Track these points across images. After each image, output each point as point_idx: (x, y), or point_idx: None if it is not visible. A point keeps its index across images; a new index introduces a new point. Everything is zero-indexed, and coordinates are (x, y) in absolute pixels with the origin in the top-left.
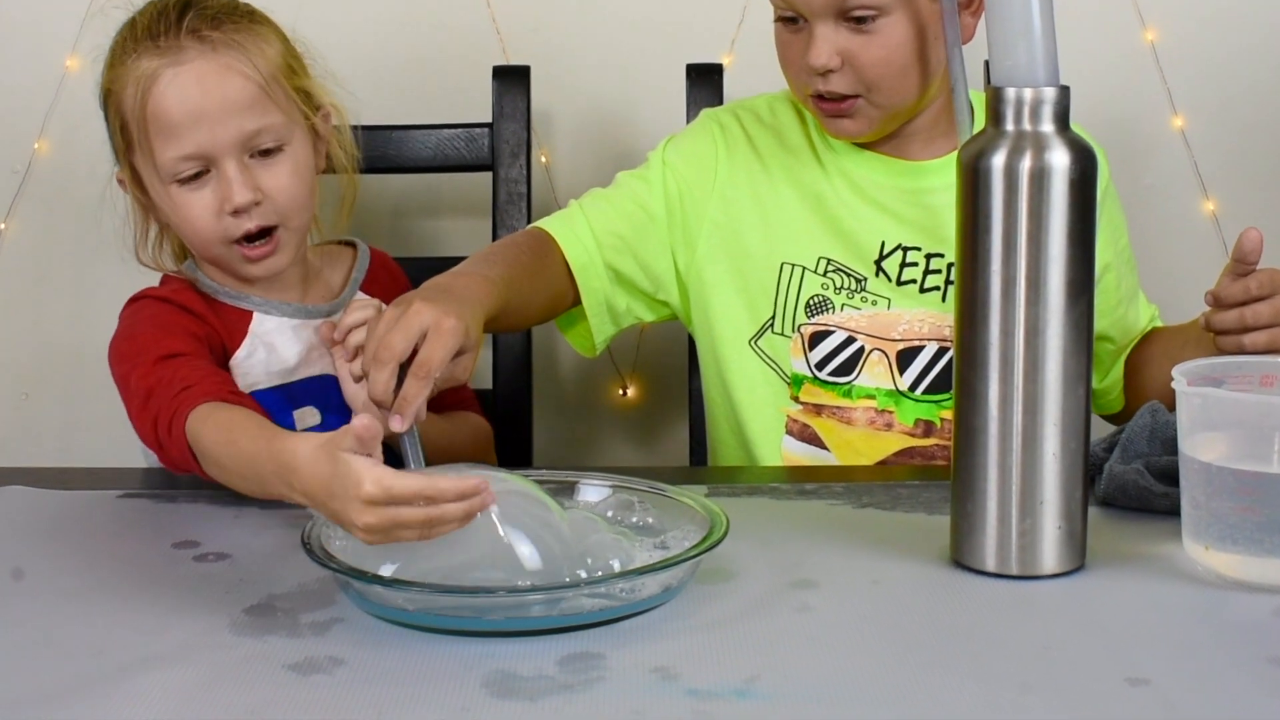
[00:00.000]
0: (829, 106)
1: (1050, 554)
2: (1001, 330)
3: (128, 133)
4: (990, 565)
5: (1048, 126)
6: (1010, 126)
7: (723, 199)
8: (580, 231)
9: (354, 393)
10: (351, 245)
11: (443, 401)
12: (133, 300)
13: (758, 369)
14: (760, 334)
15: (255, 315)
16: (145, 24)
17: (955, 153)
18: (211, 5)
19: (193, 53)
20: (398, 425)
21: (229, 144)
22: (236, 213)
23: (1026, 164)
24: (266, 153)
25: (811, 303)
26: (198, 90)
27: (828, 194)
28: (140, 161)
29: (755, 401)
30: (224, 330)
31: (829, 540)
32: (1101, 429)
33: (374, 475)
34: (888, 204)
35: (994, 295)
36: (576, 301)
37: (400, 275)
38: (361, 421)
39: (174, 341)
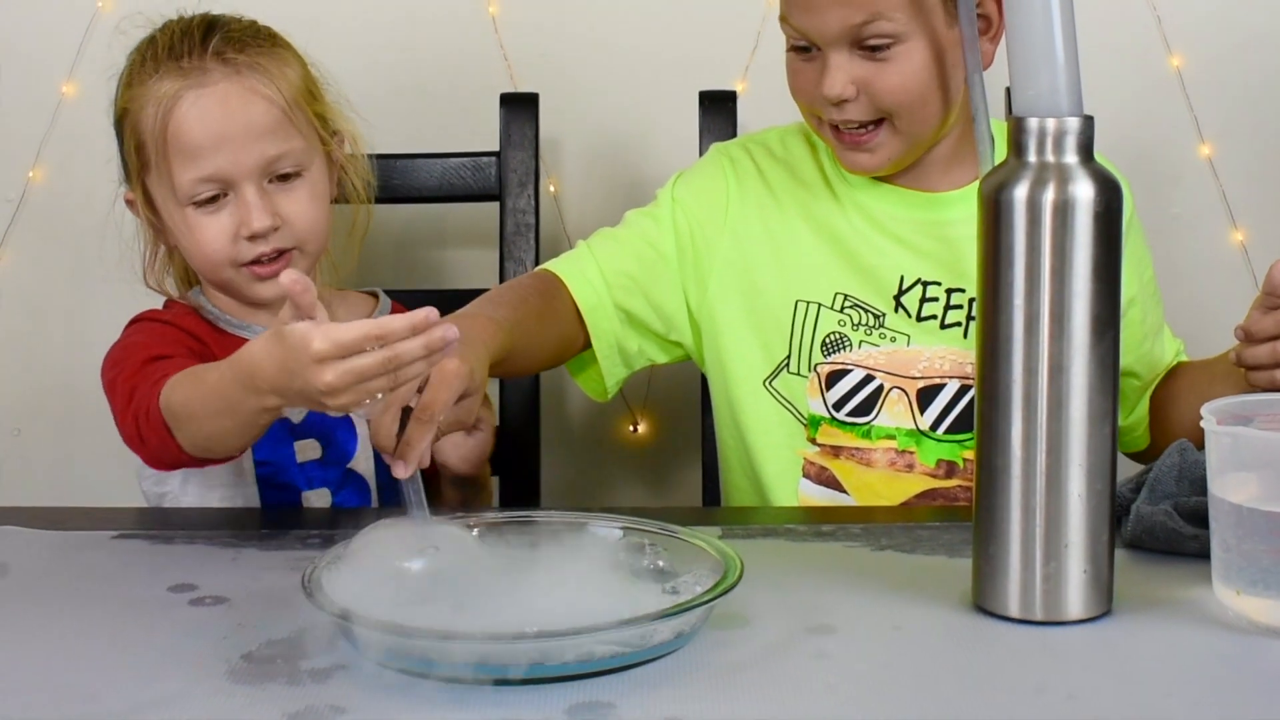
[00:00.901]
0: (849, 138)
1: (1076, 599)
2: (1024, 368)
3: (144, 153)
4: (1014, 610)
5: (1071, 158)
6: (1032, 158)
7: (734, 236)
8: (589, 272)
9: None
10: (374, 295)
11: None
12: (134, 320)
13: (772, 410)
14: (775, 374)
15: None
16: (167, 43)
17: (976, 183)
18: (236, 27)
19: (217, 75)
20: (401, 472)
21: (250, 168)
22: (253, 237)
23: (1049, 196)
24: (285, 177)
25: (828, 340)
26: (221, 113)
27: (843, 228)
28: (155, 183)
29: (770, 444)
30: (224, 357)
31: (847, 584)
32: (1127, 469)
33: (320, 332)
34: (906, 237)
35: (1016, 332)
36: (586, 345)
37: None
38: (288, 276)
39: (167, 347)
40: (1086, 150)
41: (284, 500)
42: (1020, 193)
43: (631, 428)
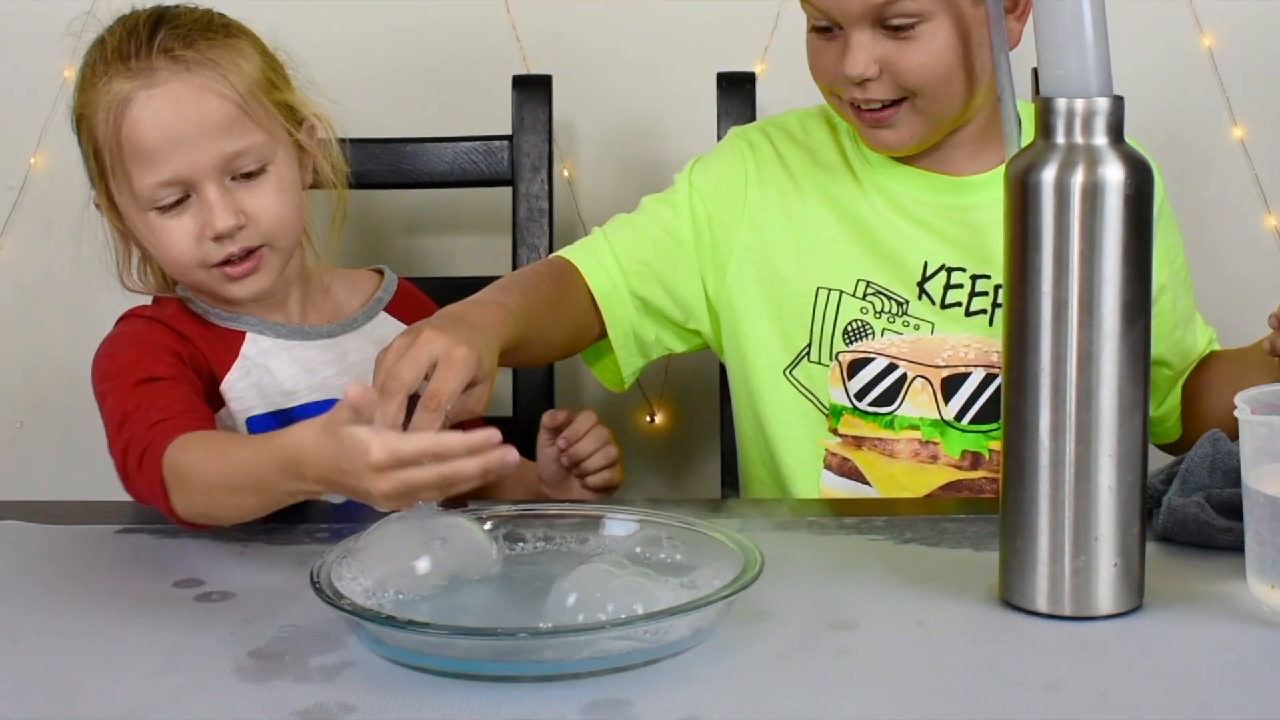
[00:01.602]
0: (869, 116)
1: (1106, 593)
2: (1053, 356)
3: (101, 159)
4: (1042, 605)
5: (1100, 139)
6: (1061, 139)
7: (754, 222)
8: (604, 259)
9: None
10: (380, 273)
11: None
12: (123, 317)
13: (793, 400)
14: (795, 363)
15: (248, 336)
16: (115, 44)
17: (1002, 167)
18: (184, 20)
19: (165, 74)
20: None
21: (208, 168)
22: (218, 238)
23: (1078, 179)
24: (249, 175)
25: (850, 328)
26: (173, 114)
27: (866, 212)
28: (116, 188)
29: (791, 435)
30: (213, 354)
31: (870, 578)
32: (1158, 460)
33: (379, 441)
34: (930, 222)
35: (1044, 318)
36: (602, 334)
37: (428, 305)
38: (354, 389)
39: (156, 365)
40: (1116, 131)
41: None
42: (1048, 175)
43: (648, 418)
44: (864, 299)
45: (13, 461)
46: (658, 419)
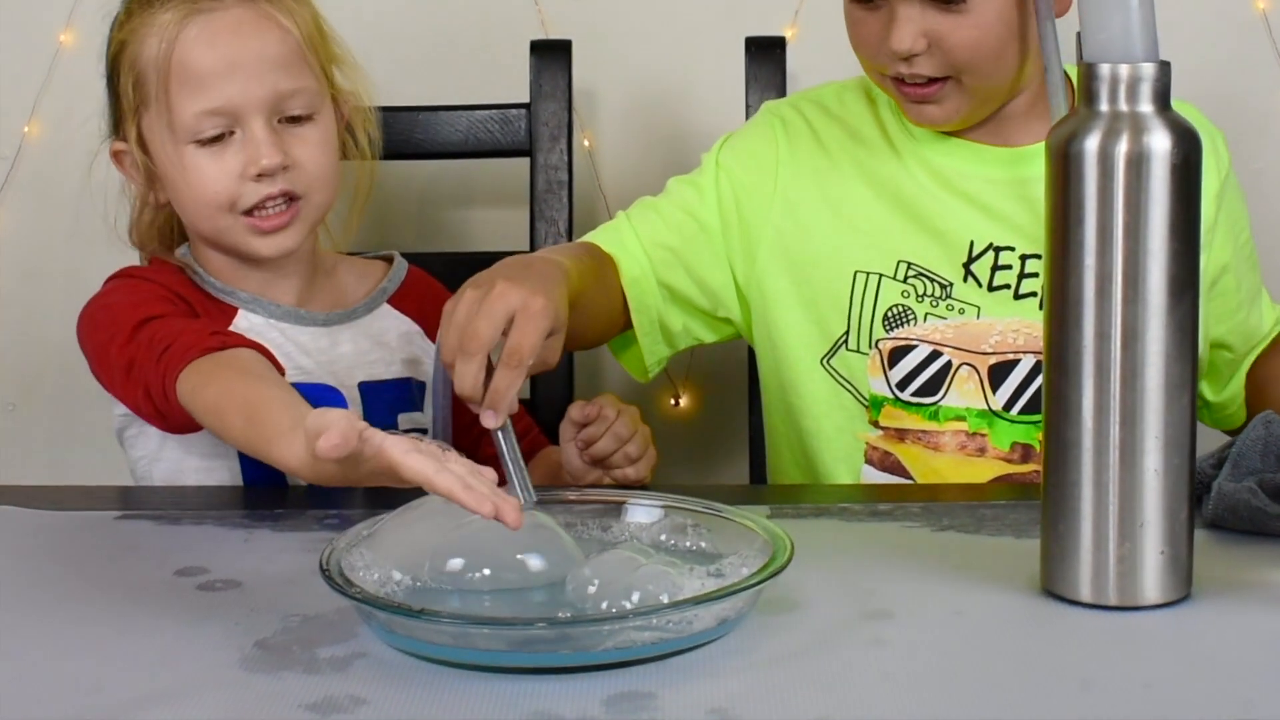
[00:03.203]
0: (912, 91)
1: (1152, 582)
2: (1096, 333)
3: (143, 87)
4: (1085, 595)
5: (1146, 106)
6: (1104, 107)
7: (786, 202)
8: (630, 245)
9: None
10: (389, 260)
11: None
12: (112, 277)
13: (830, 391)
14: (833, 351)
15: (239, 313)
16: None
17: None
18: None
19: (229, 1)
20: (491, 421)
21: (260, 101)
22: (260, 176)
23: (1123, 148)
24: (296, 120)
25: (890, 314)
26: (233, 38)
27: (908, 188)
28: (152, 121)
29: (828, 428)
30: (206, 318)
31: (905, 566)
32: (1208, 443)
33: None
34: (977, 196)
35: (1087, 294)
36: (630, 323)
37: (442, 295)
38: (327, 443)
39: (150, 306)
40: (1163, 98)
41: (270, 475)
42: (1091, 144)
43: (673, 401)
44: (905, 282)
45: (7, 444)
46: (683, 402)
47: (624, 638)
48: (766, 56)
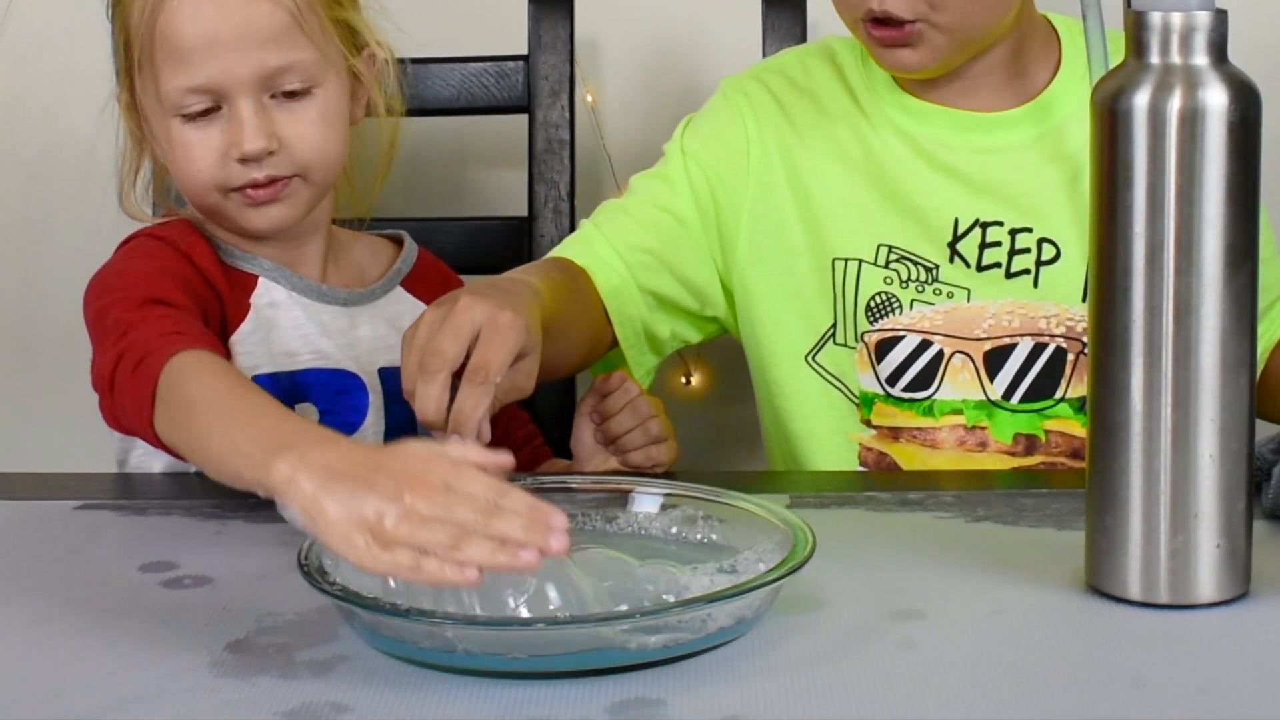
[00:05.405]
0: (886, 35)
1: (1207, 578)
2: (1146, 306)
3: (130, 53)
4: (1134, 592)
5: (1201, 59)
6: (1155, 59)
7: (760, 186)
8: (603, 254)
9: None
10: (398, 241)
11: (510, 435)
12: (129, 238)
13: (818, 390)
14: (819, 347)
15: (260, 283)
16: None
17: (1041, 99)
18: None
19: None
20: (457, 449)
21: (245, 80)
22: (244, 160)
23: (1175, 104)
24: (291, 94)
25: (874, 303)
26: (215, 12)
27: (884, 159)
28: (141, 87)
29: (817, 430)
30: (227, 297)
31: (938, 561)
32: (1267, 426)
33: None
34: (958, 168)
35: (1137, 264)
36: (617, 341)
37: (452, 279)
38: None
39: (170, 289)
40: (1219, 50)
41: None
42: (1141, 100)
43: (684, 379)
44: (887, 267)
45: None
46: (694, 380)
47: (630, 639)
48: (785, 6)
